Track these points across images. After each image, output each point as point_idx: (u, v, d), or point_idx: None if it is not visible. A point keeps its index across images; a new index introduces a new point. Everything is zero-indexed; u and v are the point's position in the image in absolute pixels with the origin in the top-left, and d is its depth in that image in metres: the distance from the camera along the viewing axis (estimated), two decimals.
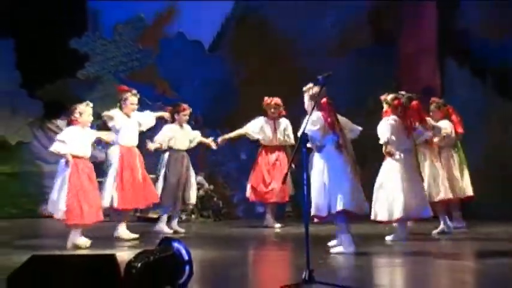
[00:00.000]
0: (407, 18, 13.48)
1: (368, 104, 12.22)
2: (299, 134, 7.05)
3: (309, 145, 7.83)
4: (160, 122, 11.06)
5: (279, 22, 14.16)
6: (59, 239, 9.48)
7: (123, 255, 5.25)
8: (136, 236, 10.06)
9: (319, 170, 7.99)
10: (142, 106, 14.39)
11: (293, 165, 9.47)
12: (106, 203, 9.91)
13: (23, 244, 9.73)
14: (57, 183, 9.22)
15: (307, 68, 12.48)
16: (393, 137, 9.16)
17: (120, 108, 10.36)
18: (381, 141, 9.20)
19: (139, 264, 4.92)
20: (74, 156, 9.15)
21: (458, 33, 13.11)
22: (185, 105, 11.17)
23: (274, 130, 11.55)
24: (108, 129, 10.44)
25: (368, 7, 13.84)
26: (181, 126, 11.06)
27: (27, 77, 14.52)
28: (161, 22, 14.97)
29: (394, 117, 9.26)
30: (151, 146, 10.71)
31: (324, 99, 7.93)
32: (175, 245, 5.36)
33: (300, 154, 6.25)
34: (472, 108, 12.63)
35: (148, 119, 10.59)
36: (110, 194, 9.98)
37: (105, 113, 10.37)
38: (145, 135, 10.82)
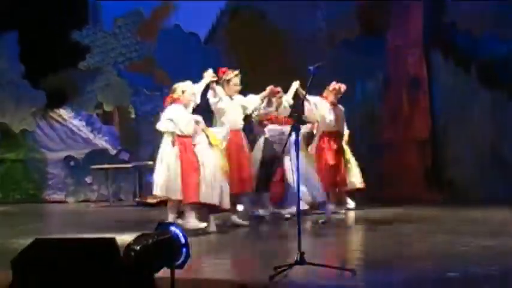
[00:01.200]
0: (395, 11, 13.63)
1: (356, 95, 12.61)
2: None
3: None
4: None
5: (272, 15, 14.40)
6: (61, 223, 9.62)
7: (123, 238, 5.48)
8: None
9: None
10: (139, 95, 14.87)
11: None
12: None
13: (27, 228, 9.89)
14: (163, 164, 8.78)
15: (298, 59, 12.79)
16: None
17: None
18: None
19: (138, 247, 4.91)
20: (180, 136, 8.79)
21: (444, 26, 13.27)
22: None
23: None
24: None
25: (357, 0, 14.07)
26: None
27: (30, 68, 14.66)
28: (159, 15, 15.17)
29: None
30: None
31: None
32: (173, 228, 5.27)
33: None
34: (456, 98, 13.03)
35: (252, 101, 9.89)
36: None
37: (212, 86, 9.36)
38: None
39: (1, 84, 14.90)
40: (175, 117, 8.76)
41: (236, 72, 9.59)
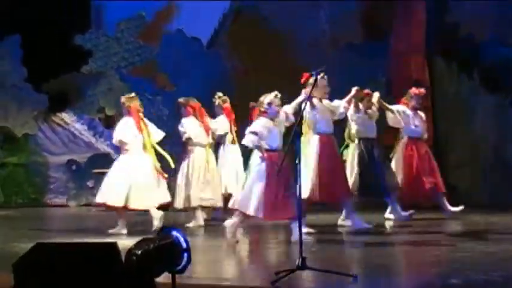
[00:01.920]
0: (398, 15, 13.65)
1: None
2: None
3: None
4: None
5: (274, 18, 14.41)
6: (63, 227, 9.64)
7: (124, 243, 5.49)
8: None
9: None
10: (141, 100, 14.84)
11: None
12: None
13: (28, 232, 9.88)
14: (250, 179, 8.54)
15: (301, 62, 12.79)
16: None
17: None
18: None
19: (139, 252, 4.87)
20: (266, 150, 8.43)
21: (447, 31, 13.34)
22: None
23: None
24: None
25: (360, 4, 14.11)
26: None
27: (33, 71, 14.66)
28: (161, 19, 15.19)
29: None
30: None
31: None
32: (174, 233, 5.20)
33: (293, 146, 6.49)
34: (458, 103, 13.03)
35: (338, 105, 9.61)
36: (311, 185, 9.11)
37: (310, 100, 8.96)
38: None
39: (4, 88, 14.88)
40: (261, 131, 8.44)
41: (322, 73, 8.73)
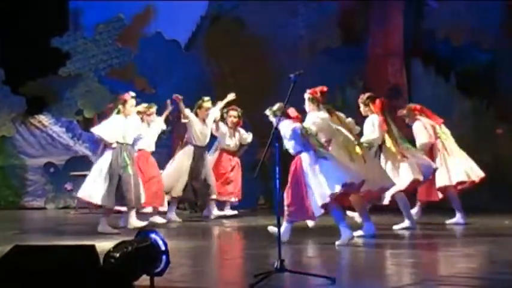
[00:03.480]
0: (375, 20, 13.75)
1: (336, 103, 12.61)
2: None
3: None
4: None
5: (252, 22, 14.46)
6: (41, 230, 9.56)
7: (103, 245, 5.46)
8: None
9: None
10: None
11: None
12: None
13: (6, 234, 9.80)
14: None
15: (279, 67, 12.85)
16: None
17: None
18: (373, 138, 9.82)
19: (118, 254, 4.97)
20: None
21: (424, 35, 13.50)
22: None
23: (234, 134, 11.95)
24: None
25: (337, 9, 14.17)
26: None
27: (10, 73, 14.61)
28: (139, 22, 15.25)
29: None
30: None
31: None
32: (153, 235, 5.39)
33: (272, 149, 6.47)
34: (436, 106, 13.10)
35: None
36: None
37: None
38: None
39: None
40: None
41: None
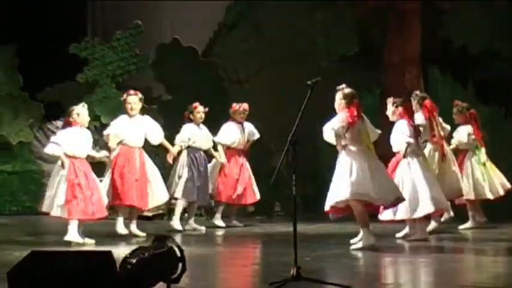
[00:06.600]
0: (392, 28, 13.79)
1: None
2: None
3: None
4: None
5: (269, 29, 14.48)
6: (57, 236, 9.50)
7: (119, 251, 5.45)
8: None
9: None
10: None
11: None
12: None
13: (23, 240, 9.91)
14: (53, 182, 9.34)
15: (295, 74, 12.81)
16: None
17: None
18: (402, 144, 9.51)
19: (134, 260, 5.00)
20: (70, 156, 9.25)
21: (441, 43, 13.46)
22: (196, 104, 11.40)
23: (242, 133, 11.94)
24: None
25: (354, 16, 14.12)
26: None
27: (28, 80, 14.74)
28: (157, 29, 15.31)
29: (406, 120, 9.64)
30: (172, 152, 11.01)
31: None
32: (169, 242, 5.41)
33: (289, 155, 6.50)
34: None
35: None
36: None
37: None
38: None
39: None
40: (63, 141, 9.34)
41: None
